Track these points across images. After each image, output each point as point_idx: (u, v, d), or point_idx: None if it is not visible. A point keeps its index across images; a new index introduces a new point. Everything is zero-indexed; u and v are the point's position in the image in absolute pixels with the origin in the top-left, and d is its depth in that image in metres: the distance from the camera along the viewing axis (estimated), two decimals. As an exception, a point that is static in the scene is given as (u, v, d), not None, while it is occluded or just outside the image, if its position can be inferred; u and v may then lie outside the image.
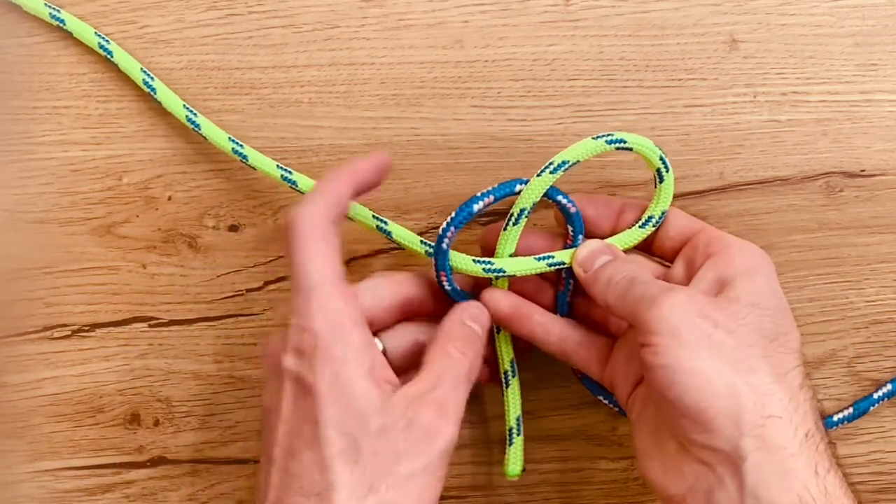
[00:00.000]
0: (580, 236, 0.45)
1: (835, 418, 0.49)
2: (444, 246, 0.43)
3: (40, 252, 0.49)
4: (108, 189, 0.49)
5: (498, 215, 0.49)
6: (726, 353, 0.37)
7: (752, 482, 0.36)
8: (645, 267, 0.44)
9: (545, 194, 0.44)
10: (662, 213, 0.44)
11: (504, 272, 0.44)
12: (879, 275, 0.49)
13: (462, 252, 0.44)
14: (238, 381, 0.49)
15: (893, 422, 0.50)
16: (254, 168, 0.47)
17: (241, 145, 0.47)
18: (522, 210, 0.44)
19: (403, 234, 0.46)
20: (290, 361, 0.39)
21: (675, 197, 0.48)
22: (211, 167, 0.49)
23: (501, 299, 0.44)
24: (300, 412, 0.39)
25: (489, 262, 0.44)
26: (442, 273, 0.44)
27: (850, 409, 0.49)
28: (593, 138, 0.43)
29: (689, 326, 0.38)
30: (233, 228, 0.49)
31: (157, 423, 0.50)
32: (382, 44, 0.49)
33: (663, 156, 0.43)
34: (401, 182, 0.49)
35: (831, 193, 0.49)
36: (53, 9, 0.47)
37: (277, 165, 0.46)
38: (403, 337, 0.43)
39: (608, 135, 0.43)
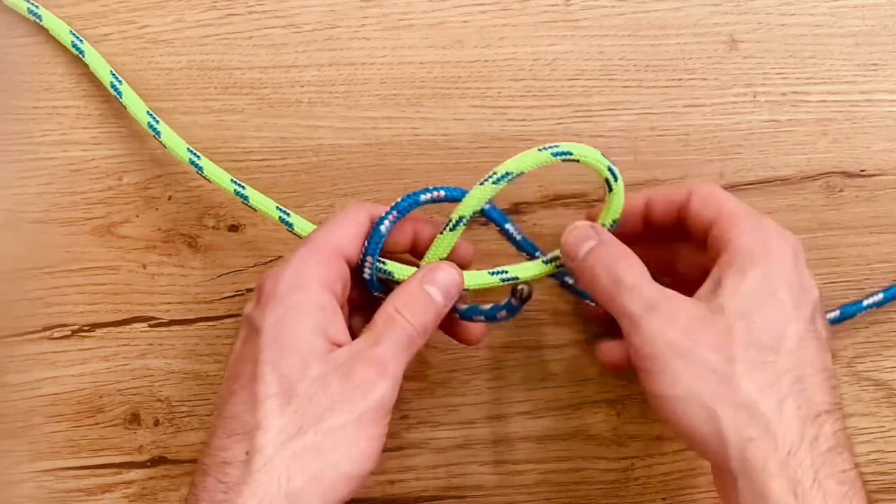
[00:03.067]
0: (536, 252, 0.44)
1: (864, 304, 0.48)
2: (383, 230, 0.42)
3: (40, 252, 0.49)
4: (108, 189, 0.49)
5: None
6: (707, 376, 0.37)
7: (742, 499, 0.36)
8: (633, 260, 0.41)
9: (491, 217, 0.43)
10: (614, 222, 0.43)
11: None
12: (879, 275, 0.49)
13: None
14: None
15: (893, 422, 0.50)
16: (208, 180, 0.46)
17: (199, 156, 0.46)
18: (461, 217, 0.42)
19: (261, 199, 0.46)
20: (249, 307, 0.40)
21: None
22: (211, 167, 0.49)
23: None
24: (244, 354, 0.39)
25: None
26: (369, 258, 0.42)
27: (837, 312, 0.48)
28: (539, 149, 0.41)
29: (670, 351, 0.37)
30: (233, 228, 0.49)
31: (157, 423, 0.50)
32: (382, 44, 0.49)
33: (611, 166, 0.42)
34: (401, 182, 0.49)
35: (831, 193, 0.49)
36: (32, 4, 0.47)
37: (231, 180, 0.46)
38: None
39: (554, 146, 0.41)
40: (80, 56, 0.48)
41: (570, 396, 0.50)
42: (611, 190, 0.42)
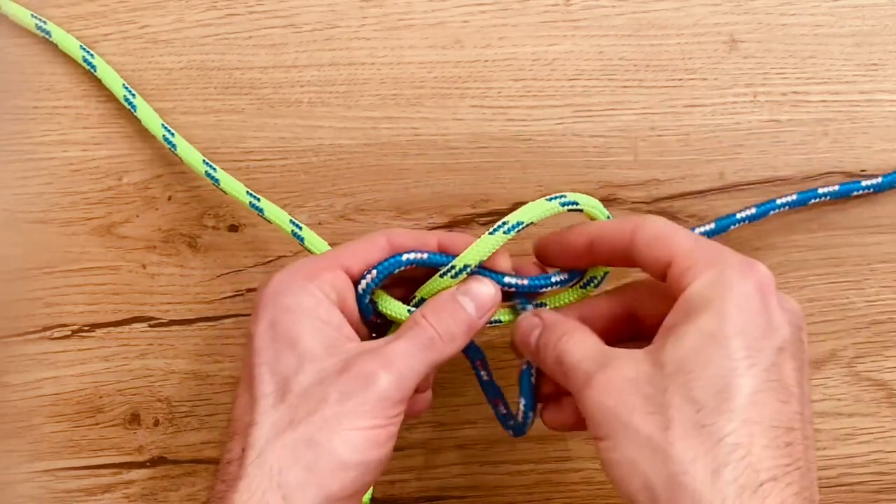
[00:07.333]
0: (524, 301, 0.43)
1: (737, 216, 0.46)
2: (361, 290, 0.41)
3: (40, 252, 0.49)
4: (108, 189, 0.49)
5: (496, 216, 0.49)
6: (642, 443, 0.35)
7: None
8: (575, 336, 0.39)
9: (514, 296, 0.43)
10: (605, 274, 0.43)
11: None
12: (879, 275, 0.49)
13: None
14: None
15: (893, 422, 0.50)
16: (224, 192, 0.47)
17: (215, 168, 0.47)
18: (466, 266, 0.41)
19: (275, 212, 0.46)
20: (251, 318, 0.40)
21: (677, 197, 0.49)
22: (211, 167, 0.49)
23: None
24: (244, 360, 0.40)
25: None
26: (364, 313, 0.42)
27: (712, 225, 0.46)
28: (548, 199, 0.42)
29: (609, 418, 0.36)
30: (233, 228, 0.49)
31: (157, 423, 0.50)
32: (382, 44, 0.49)
33: (609, 216, 0.43)
34: (401, 182, 0.49)
35: (831, 193, 0.49)
36: (39, 20, 0.47)
37: (247, 192, 0.46)
38: None
39: (561, 196, 0.42)
40: (92, 70, 0.47)
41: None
42: None
